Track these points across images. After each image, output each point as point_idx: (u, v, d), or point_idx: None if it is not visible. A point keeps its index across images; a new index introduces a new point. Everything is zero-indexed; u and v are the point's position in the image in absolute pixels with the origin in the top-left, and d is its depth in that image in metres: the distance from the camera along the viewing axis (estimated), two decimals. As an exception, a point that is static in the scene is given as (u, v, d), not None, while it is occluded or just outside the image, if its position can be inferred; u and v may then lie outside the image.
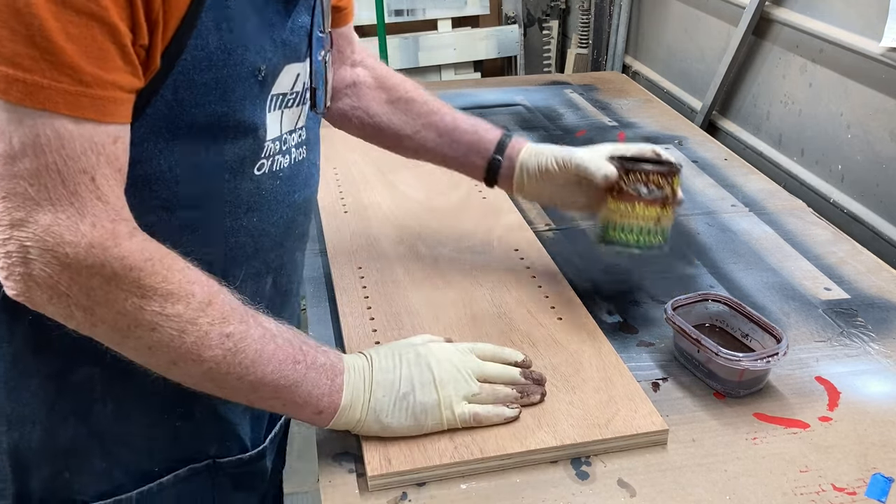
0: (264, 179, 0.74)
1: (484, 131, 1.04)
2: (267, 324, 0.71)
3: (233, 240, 0.74)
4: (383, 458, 0.78)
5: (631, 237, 0.96)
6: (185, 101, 0.64)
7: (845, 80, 1.41)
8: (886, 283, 1.14)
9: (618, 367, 0.92)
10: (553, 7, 2.71)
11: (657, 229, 0.96)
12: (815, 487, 0.78)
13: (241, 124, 0.69)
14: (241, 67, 0.66)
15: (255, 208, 0.74)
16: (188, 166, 0.67)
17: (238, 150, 0.70)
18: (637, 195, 0.95)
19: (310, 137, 0.82)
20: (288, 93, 0.74)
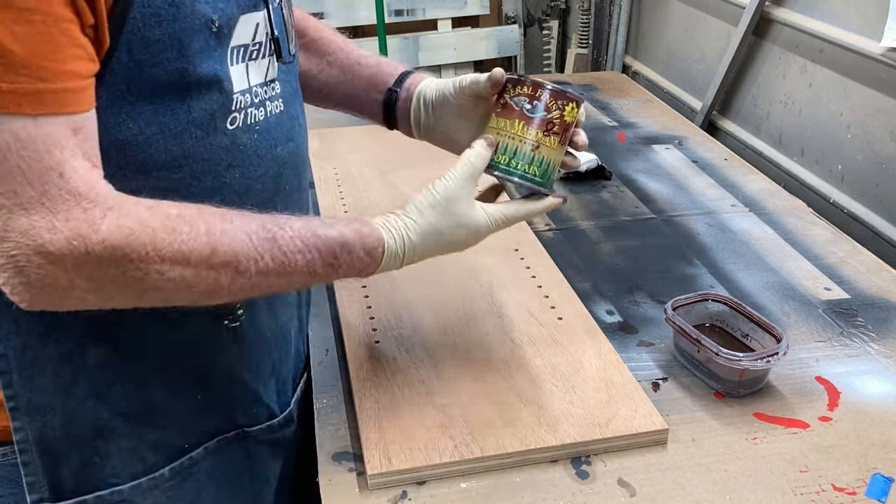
0: (239, 133, 0.73)
1: (386, 65, 0.98)
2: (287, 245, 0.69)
3: (218, 198, 0.71)
4: (383, 457, 0.78)
5: (503, 159, 0.83)
6: (142, 62, 0.63)
7: (845, 80, 1.41)
8: (886, 283, 1.14)
9: (618, 367, 0.92)
10: (553, 7, 2.71)
11: (536, 158, 0.83)
12: (815, 487, 0.78)
13: (204, 79, 0.67)
14: (192, 20, 0.64)
15: (236, 164, 0.73)
16: (157, 127, 0.66)
17: (205, 105, 0.68)
18: (518, 110, 0.83)
19: (285, 91, 0.79)
20: (250, 44, 0.72)
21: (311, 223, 0.71)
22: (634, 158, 1.57)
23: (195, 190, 0.70)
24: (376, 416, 0.84)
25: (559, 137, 0.83)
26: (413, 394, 0.87)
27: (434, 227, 0.76)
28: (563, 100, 0.83)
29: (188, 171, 0.70)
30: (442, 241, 0.78)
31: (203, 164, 0.70)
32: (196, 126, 0.68)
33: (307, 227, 0.70)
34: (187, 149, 0.69)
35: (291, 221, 0.70)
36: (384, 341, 0.96)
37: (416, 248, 0.77)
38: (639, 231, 1.29)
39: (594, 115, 1.79)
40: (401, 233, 0.76)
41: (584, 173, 1.45)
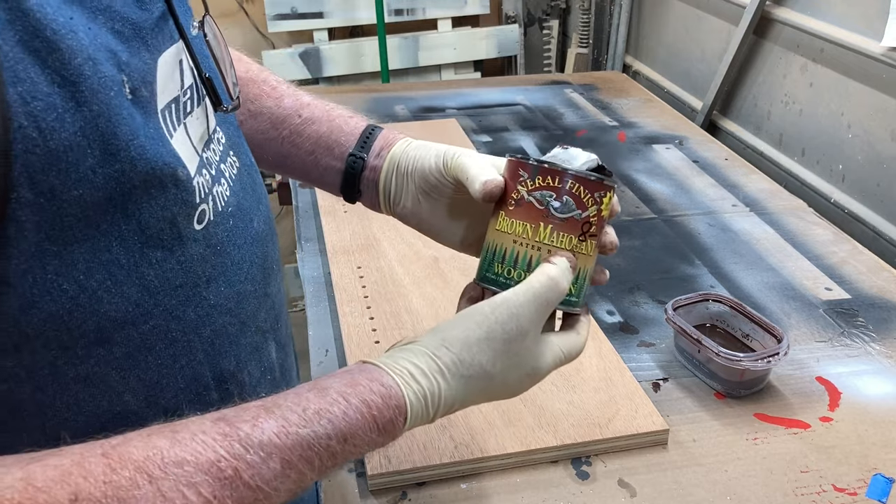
0: (213, 230, 0.52)
1: (340, 119, 0.73)
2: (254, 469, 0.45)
3: (208, 330, 0.53)
4: (383, 458, 0.78)
5: (525, 275, 0.59)
6: (55, 188, 0.41)
7: (846, 79, 1.41)
8: (887, 283, 1.13)
9: (618, 367, 0.92)
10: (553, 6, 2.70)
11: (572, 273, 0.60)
12: (816, 488, 0.78)
13: (151, 174, 0.46)
14: (103, 93, 0.42)
15: (217, 274, 0.53)
16: (103, 272, 0.45)
17: (161, 211, 0.47)
18: (544, 209, 0.59)
19: (230, 135, 0.59)
20: (180, 95, 0.51)
21: (291, 418, 0.47)
22: (635, 158, 1.56)
23: (176, 334, 0.51)
24: (376, 417, 0.84)
25: (596, 240, 0.62)
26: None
27: (484, 369, 0.55)
28: (601, 190, 0.60)
29: (161, 315, 0.49)
30: (491, 388, 0.56)
31: (178, 295, 0.50)
32: (154, 246, 0.47)
33: (287, 432, 0.47)
34: (151, 283, 0.48)
35: (261, 428, 0.46)
36: (384, 341, 0.96)
37: (455, 402, 0.55)
38: (639, 231, 1.29)
39: (594, 115, 1.79)
40: (433, 390, 0.53)
41: (585, 173, 1.45)
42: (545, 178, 0.59)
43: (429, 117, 1.77)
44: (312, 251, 1.21)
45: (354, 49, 2.56)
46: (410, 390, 0.52)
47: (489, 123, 1.74)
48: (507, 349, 0.55)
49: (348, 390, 0.50)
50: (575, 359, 0.61)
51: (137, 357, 0.49)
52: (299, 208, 1.36)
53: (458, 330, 0.55)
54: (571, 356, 0.61)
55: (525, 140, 1.65)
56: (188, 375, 0.52)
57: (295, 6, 2.47)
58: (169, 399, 0.51)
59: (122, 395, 0.49)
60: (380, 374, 0.52)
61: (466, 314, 0.56)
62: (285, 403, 0.48)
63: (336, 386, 0.50)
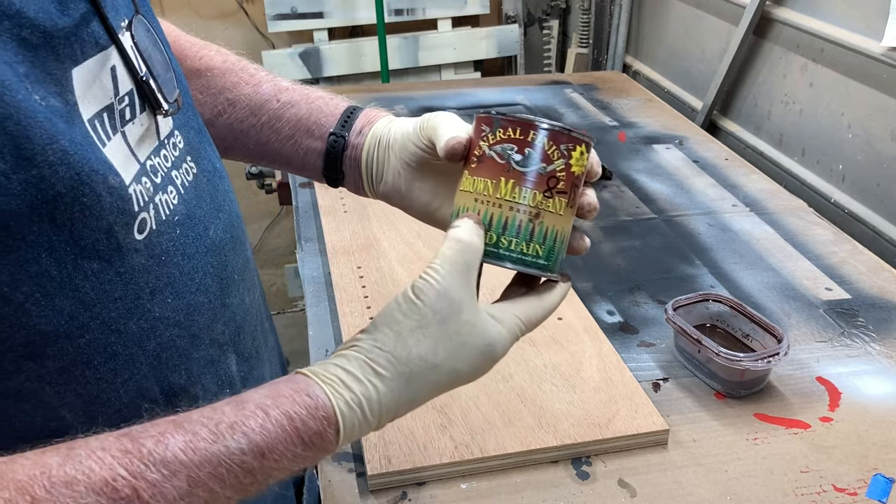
0: (156, 239, 0.50)
1: (320, 100, 0.71)
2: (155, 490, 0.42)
3: (153, 343, 0.50)
4: (383, 458, 0.78)
5: (489, 236, 0.55)
6: None
7: (846, 79, 1.41)
8: (887, 283, 1.13)
9: (618, 367, 0.92)
10: (553, 6, 2.70)
11: (538, 232, 0.55)
12: (816, 488, 0.78)
13: (77, 180, 0.43)
14: (9, 96, 0.41)
15: (162, 285, 0.50)
16: (31, 283, 0.43)
17: (95, 221, 0.45)
18: (504, 163, 0.55)
19: (189, 139, 0.57)
20: (114, 103, 0.49)
21: (201, 433, 0.45)
22: (635, 158, 1.56)
23: (117, 348, 0.48)
24: (376, 417, 0.84)
25: (566, 198, 0.56)
26: (413, 394, 0.87)
27: (426, 361, 0.51)
28: (569, 142, 0.55)
29: (98, 328, 0.47)
30: (441, 379, 0.52)
31: (117, 308, 0.47)
32: (90, 258, 0.45)
33: (195, 447, 0.44)
34: (86, 296, 0.45)
35: (166, 444, 0.43)
36: (384, 341, 0.96)
37: (400, 404, 0.51)
38: (639, 231, 1.29)
39: (595, 115, 1.79)
40: (369, 395, 0.50)
41: (585, 173, 1.45)
42: (506, 131, 0.55)
43: (429, 117, 1.76)
44: (312, 251, 1.21)
45: (354, 49, 2.56)
46: (341, 399, 0.49)
47: (489, 123, 1.74)
48: (445, 331, 0.51)
49: (268, 402, 0.47)
50: (538, 325, 0.56)
51: (73, 372, 0.46)
52: (299, 208, 1.36)
53: (388, 325, 0.51)
54: (532, 323, 0.55)
55: (525, 140, 1.65)
56: (132, 390, 0.50)
57: (295, 6, 2.47)
58: (111, 415, 0.49)
59: (58, 410, 0.47)
60: (307, 384, 0.49)
61: (392, 306, 0.52)
62: (198, 418, 0.46)
63: (256, 398, 0.48)
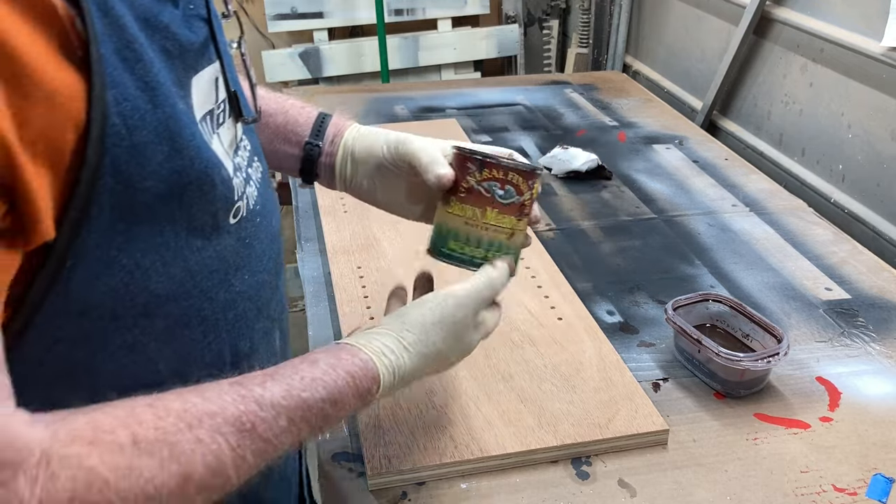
0: (244, 225, 0.60)
1: (294, 109, 0.83)
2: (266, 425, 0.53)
3: (232, 313, 0.60)
4: (383, 458, 0.78)
5: (478, 252, 0.74)
6: (132, 176, 0.49)
7: (846, 79, 1.41)
8: (887, 283, 1.14)
9: (618, 367, 0.92)
10: (553, 6, 2.71)
11: (509, 246, 0.74)
12: (816, 488, 0.78)
13: (204, 172, 0.54)
14: (172, 100, 0.51)
15: (243, 264, 0.60)
16: (156, 253, 0.52)
17: (208, 205, 0.55)
18: (490, 197, 0.72)
19: (252, 143, 0.67)
20: (214, 108, 0.59)
21: (293, 384, 0.56)
22: (635, 158, 1.56)
23: (208, 313, 0.58)
24: (376, 416, 0.84)
25: (528, 217, 0.75)
26: (413, 394, 0.87)
27: (437, 348, 0.67)
28: (534, 178, 0.72)
29: (198, 294, 0.56)
30: (437, 364, 0.69)
31: (212, 279, 0.57)
32: (197, 235, 0.55)
33: (290, 395, 0.56)
34: (192, 267, 0.55)
35: (270, 391, 0.55)
36: (384, 341, 0.96)
37: (413, 375, 0.67)
38: (639, 231, 1.29)
39: (594, 115, 1.79)
40: (400, 364, 0.65)
41: (585, 173, 1.45)
42: (490, 171, 0.71)
43: (429, 117, 1.77)
44: (312, 251, 1.21)
45: (354, 49, 2.56)
46: (383, 366, 0.64)
47: (489, 123, 1.74)
48: (454, 331, 0.68)
49: (334, 362, 0.61)
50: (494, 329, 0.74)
51: (174, 331, 0.56)
52: (299, 208, 1.36)
53: (415, 315, 0.68)
54: (492, 329, 0.73)
55: (525, 140, 1.65)
56: (213, 352, 0.59)
57: (295, 6, 2.47)
58: (193, 373, 0.56)
59: (157, 364, 0.56)
60: (358, 352, 0.63)
61: (421, 302, 0.69)
62: (285, 372, 0.57)
63: (324, 359, 0.61)
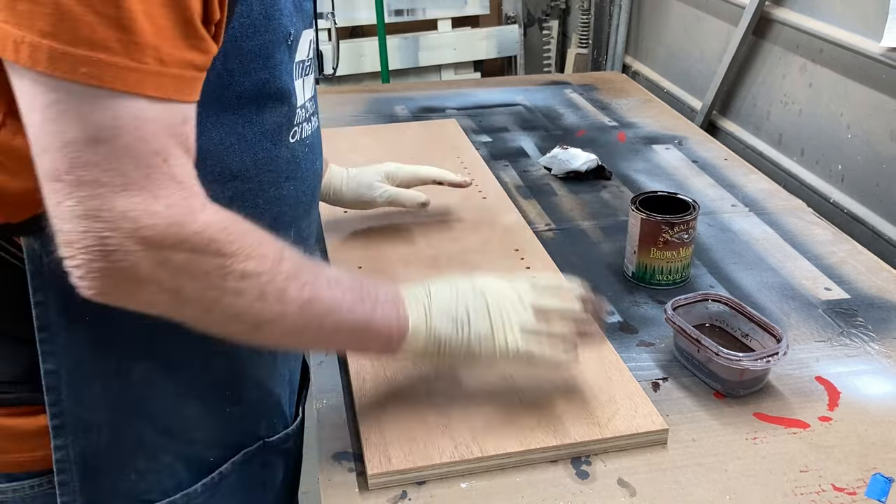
0: (297, 147, 0.76)
1: None
2: (330, 271, 0.73)
3: (276, 209, 0.75)
4: (383, 457, 0.78)
5: (677, 276, 1.11)
6: (234, 71, 0.65)
7: (845, 80, 1.41)
8: (886, 283, 1.14)
9: (618, 367, 0.92)
10: (553, 7, 2.71)
11: (689, 262, 1.12)
12: (815, 487, 0.78)
13: (280, 91, 0.70)
14: (277, 33, 0.67)
15: (293, 176, 0.76)
16: (236, 137, 0.68)
17: (277, 118, 0.71)
18: (681, 242, 1.08)
19: (316, 105, 0.84)
20: (306, 59, 0.76)
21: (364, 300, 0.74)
22: (634, 158, 1.57)
23: (259, 201, 0.73)
24: (376, 416, 0.84)
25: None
26: (413, 394, 0.87)
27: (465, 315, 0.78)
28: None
29: (256, 183, 0.72)
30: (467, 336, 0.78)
31: (269, 176, 0.73)
32: (267, 138, 0.71)
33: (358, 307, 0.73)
34: (259, 160, 0.71)
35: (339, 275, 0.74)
36: (384, 341, 0.96)
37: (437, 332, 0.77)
38: (639, 231, 1.29)
39: (594, 115, 1.79)
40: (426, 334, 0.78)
41: (584, 173, 1.45)
42: (679, 226, 1.08)
43: (429, 117, 1.77)
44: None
45: (354, 49, 2.56)
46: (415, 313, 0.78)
47: (489, 123, 1.74)
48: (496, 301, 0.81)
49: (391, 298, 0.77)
50: None
51: (233, 203, 0.67)
52: (299, 208, 1.36)
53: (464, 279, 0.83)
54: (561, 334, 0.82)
55: (525, 140, 1.65)
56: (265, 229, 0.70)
57: (295, 6, 2.47)
58: None
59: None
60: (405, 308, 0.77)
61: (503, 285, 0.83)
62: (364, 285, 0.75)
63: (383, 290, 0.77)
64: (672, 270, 1.10)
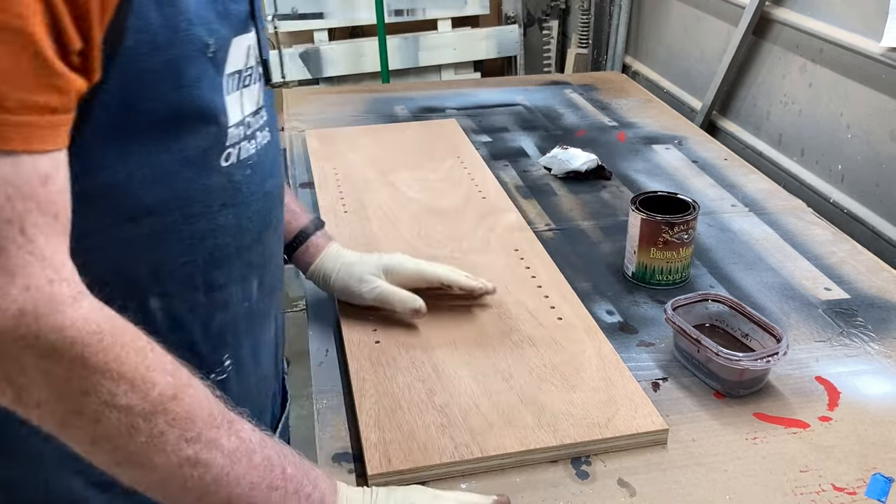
0: (234, 170, 0.67)
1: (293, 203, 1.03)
2: (246, 434, 0.60)
3: (211, 242, 0.66)
4: (383, 458, 0.78)
5: (677, 276, 1.11)
6: (136, 95, 0.56)
7: (845, 80, 1.41)
8: (886, 283, 1.14)
9: (618, 367, 0.92)
10: (553, 7, 2.71)
11: (689, 262, 1.12)
12: (815, 487, 0.78)
13: (201, 111, 0.61)
14: (188, 45, 0.58)
15: (230, 203, 0.67)
16: (149, 168, 0.60)
17: (200, 141, 0.62)
18: (681, 242, 1.08)
19: (269, 118, 0.74)
20: (243, 69, 0.67)
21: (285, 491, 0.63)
22: (634, 158, 1.57)
23: (185, 235, 0.64)
24: (376, 416, 0.84)
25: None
26: (413, 394, 0.87)
27: None
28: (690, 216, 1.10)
29: (179, 215, 0.63)
30: None
31: (196, 207, 0.64)
32: (189, 165, 0.62)
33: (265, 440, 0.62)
34: (179, 191, 0.63)
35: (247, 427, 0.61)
36: (384, 341, 0.96)
37: None
38: (639, 231, 1.29)
39: (594, 115, 1.79)
40: None
41: (584, 173, 1.45)
42: (679, 226, 1.08)
43: (429, 117, 1.77)
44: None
45: (354, 49, 2.56)
46: None
47: (489, 123, 1.74)
48: None
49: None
50: None
51: (154, 240, 0.62)
52: (299, 208, 1.36)
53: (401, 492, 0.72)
54: None
55: (525, 140, 1.65)
56: (187, 272, 0.65)
57: (295, 6, 2.47)
58: (168, 285, 0.65)
59: (139, 265, 0.63)
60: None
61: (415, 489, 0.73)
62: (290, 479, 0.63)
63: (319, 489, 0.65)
64: (672, 270, 1.10)
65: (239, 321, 0.72)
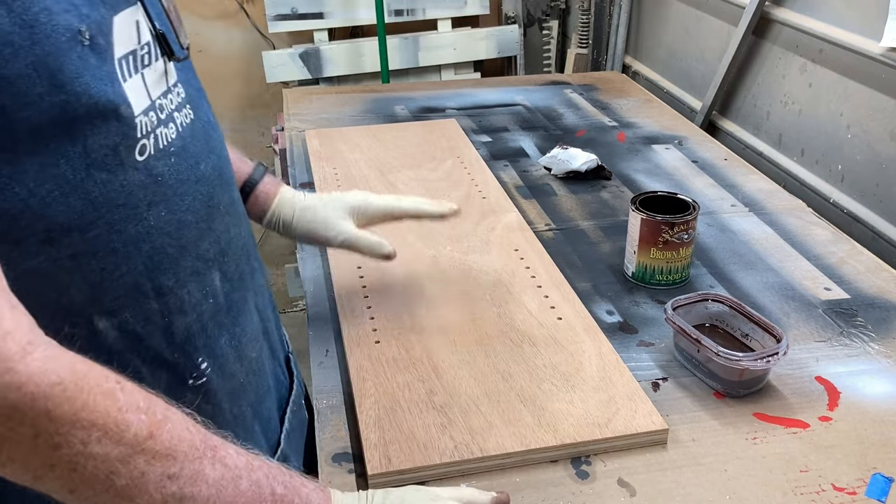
0: (153, 162, 0.61)
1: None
2: (232, 460, 0.58)
3: (147, 247, 0.61)
4: (383, 457, 0.78)
5: (677, 276, 1.12)
6: (6, 107, 0.51)
7: (845, 80, 1.41)
8: (886, 283, 1.14)
9: (618, 367, 0.92)
10: (553, 7, 2.71)
11: (689, 262, 1.13)
12: (815, 487, 0.78)
13: (93, 107, 0.55)
14: (55, 38, 0.52)
15: (158, 200, 0.61)
16: (52, 183, 0.54)
17: (103, 139, 0.56)
18: (681, 242, 1.08)
19: (190, 93, 0.68)
20: (137, 49, 0.60)
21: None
22: (634, 158, 1.57)
23: (117, 245, 0.59)
24: (376, 416, 0.84)
25: None
26: (413, 394, 0.87)
27: None
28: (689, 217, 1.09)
29: (104, 226, 0.58)
30: None
31: (119, 212, 0.58)
32: (98, 168, 0.56)
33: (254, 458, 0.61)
34: (95, 199, 0.56)
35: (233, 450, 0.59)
36: (384, 341, 0.97)
37: None
38: (639, 231, 1.29)
39: (594, 115, 1.79)
40: None
41: (584, 173, 1.45)
42: (679, 226, 1.08)
43: (429, 117, 1.77)
44: (312, 251, 1.21)
45: (354, 49, 2.56)
46: None
47: (489, 123, 1.74)
48: None
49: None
50: None
51: (81, 260, 0.57)
52: (299, 208, 1.36)
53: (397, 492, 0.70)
54: None
55: (525, 140, 1.65)
56: (128, 283, 0.60)
57: (295, 6, 2.47)
58: (111, 301, 0.60)
59: (69, 290, 0.57)
60: None
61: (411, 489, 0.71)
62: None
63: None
64: (672, 270, 1.11)
65: (206, 321, 0.68)
